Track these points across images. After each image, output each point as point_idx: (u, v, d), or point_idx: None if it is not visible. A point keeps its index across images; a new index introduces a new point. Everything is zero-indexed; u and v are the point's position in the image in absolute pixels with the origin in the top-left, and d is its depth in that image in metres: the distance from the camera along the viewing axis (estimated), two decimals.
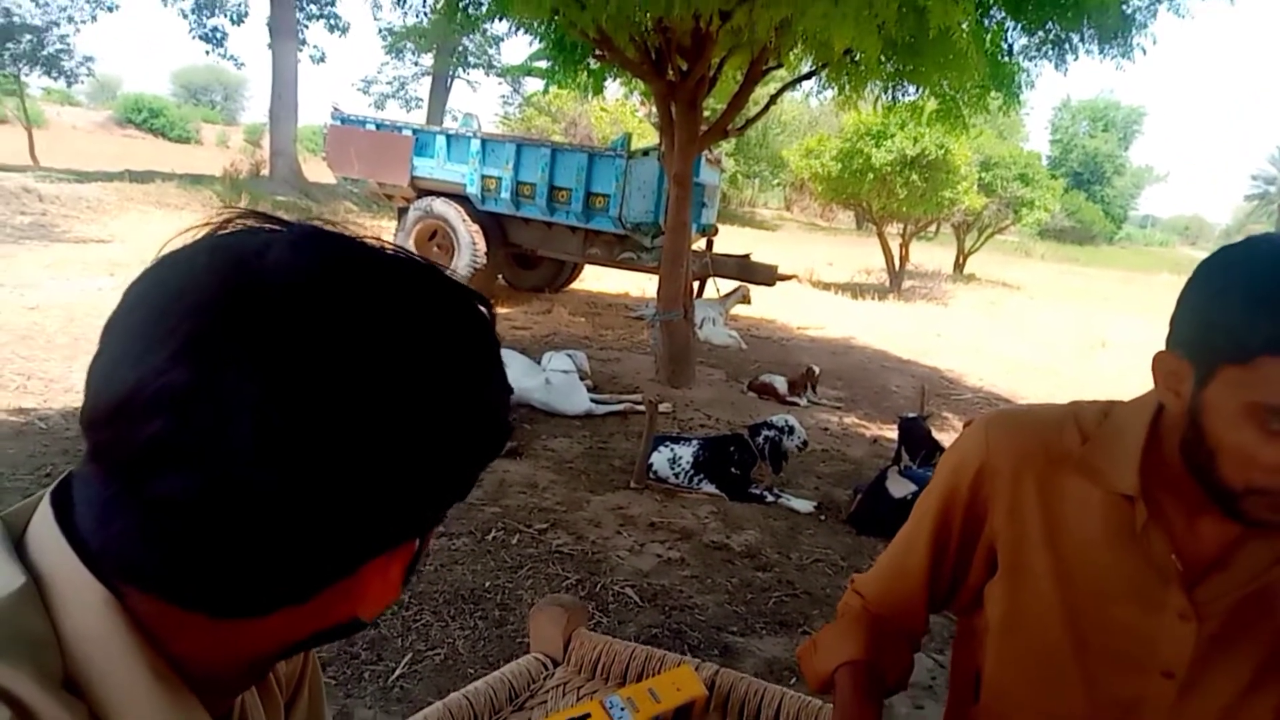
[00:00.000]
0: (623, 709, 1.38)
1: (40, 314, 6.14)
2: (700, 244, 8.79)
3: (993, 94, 6.29)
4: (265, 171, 17.02)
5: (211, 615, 0.45)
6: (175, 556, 0.42)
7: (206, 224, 0.46)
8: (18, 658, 0.41)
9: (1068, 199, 32.58)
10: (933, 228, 18.68)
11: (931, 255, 20.61)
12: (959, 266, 20.40)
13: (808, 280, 14.25)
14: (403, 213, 9.19)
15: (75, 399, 4.29)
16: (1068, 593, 0.94)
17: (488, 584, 3.06)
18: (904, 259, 16.29)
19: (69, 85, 23.22)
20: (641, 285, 10.75)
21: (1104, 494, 0.92)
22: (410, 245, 8.90)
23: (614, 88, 8.34)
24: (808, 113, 32.53)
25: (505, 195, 8.59)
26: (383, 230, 10.14)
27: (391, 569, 0.49)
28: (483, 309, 0.50)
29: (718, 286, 9.00)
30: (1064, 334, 12.28)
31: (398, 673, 2.47)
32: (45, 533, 0.45)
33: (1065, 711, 0.96)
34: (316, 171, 13.53)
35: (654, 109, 7.51)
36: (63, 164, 15.31)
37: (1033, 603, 0.96)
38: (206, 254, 0.44)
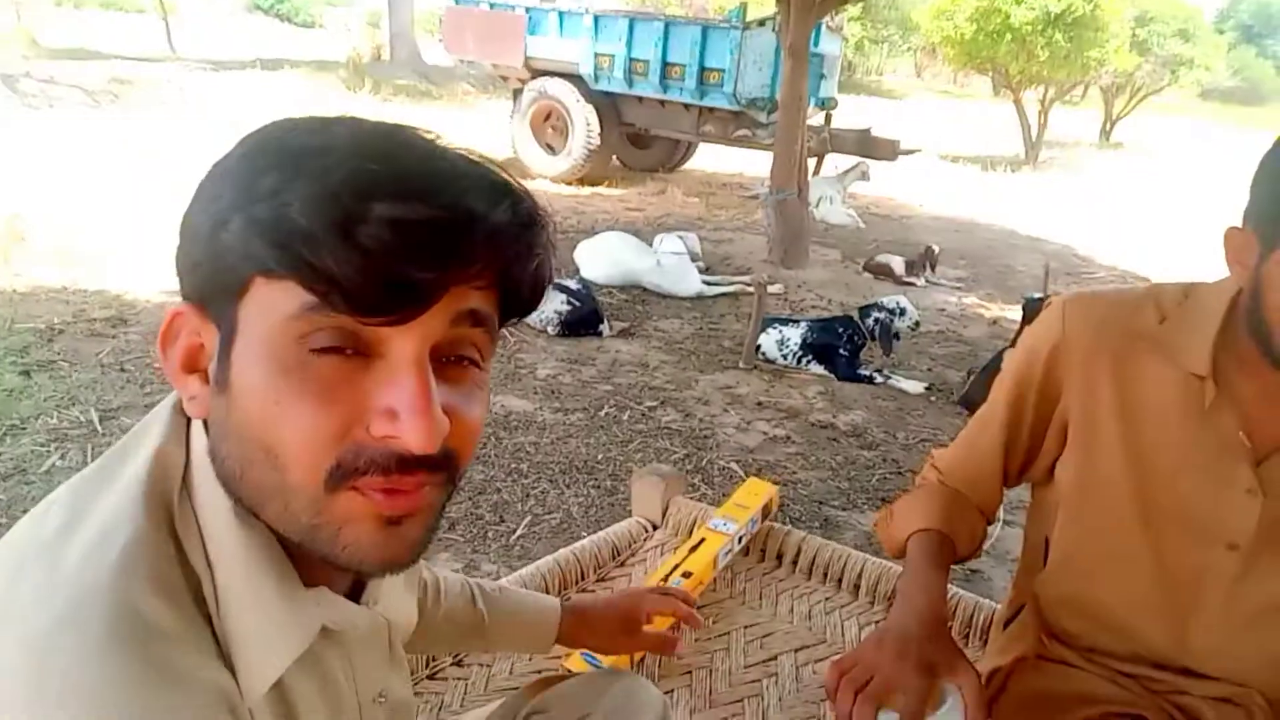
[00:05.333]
0: (725, 522, 1.60)
1: None
2: (818, 119, 8.48)
3: None
4: (386, 55, 17.23)
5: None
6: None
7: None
8: (155, 509, 0.52)
9: (1234, 56, 29.30)
10: (1078, 92, 17.29)
11: (1074, 123, 19.15)
12: (1105, 134, 18.90)
13: (935, 153, 13.55)
14: (518, 94, 9.21)
15: None
16: (1138, 466, 0.97)
17: (600, 456, 3.25)
18: (1042, 127, 15.22)
19: None
20: (757, 164, 10.50)
21: (1178, 372, 0.94)
22: (526, 127, 8.96)
23: None
24: None
25: (618, 74, 8.45)
26: (498, 111, 10.18)
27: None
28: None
29: (836, 163, 8.71)
30: (1220, 208, 11.30)
31: (518, 533, 2.70)
32: None
33: (1131, 580, 1.01)
34: (436, 54, 13.61)
35: None
36: (198, 54, 15.91)
37: (1103, 474, 1.00)
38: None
